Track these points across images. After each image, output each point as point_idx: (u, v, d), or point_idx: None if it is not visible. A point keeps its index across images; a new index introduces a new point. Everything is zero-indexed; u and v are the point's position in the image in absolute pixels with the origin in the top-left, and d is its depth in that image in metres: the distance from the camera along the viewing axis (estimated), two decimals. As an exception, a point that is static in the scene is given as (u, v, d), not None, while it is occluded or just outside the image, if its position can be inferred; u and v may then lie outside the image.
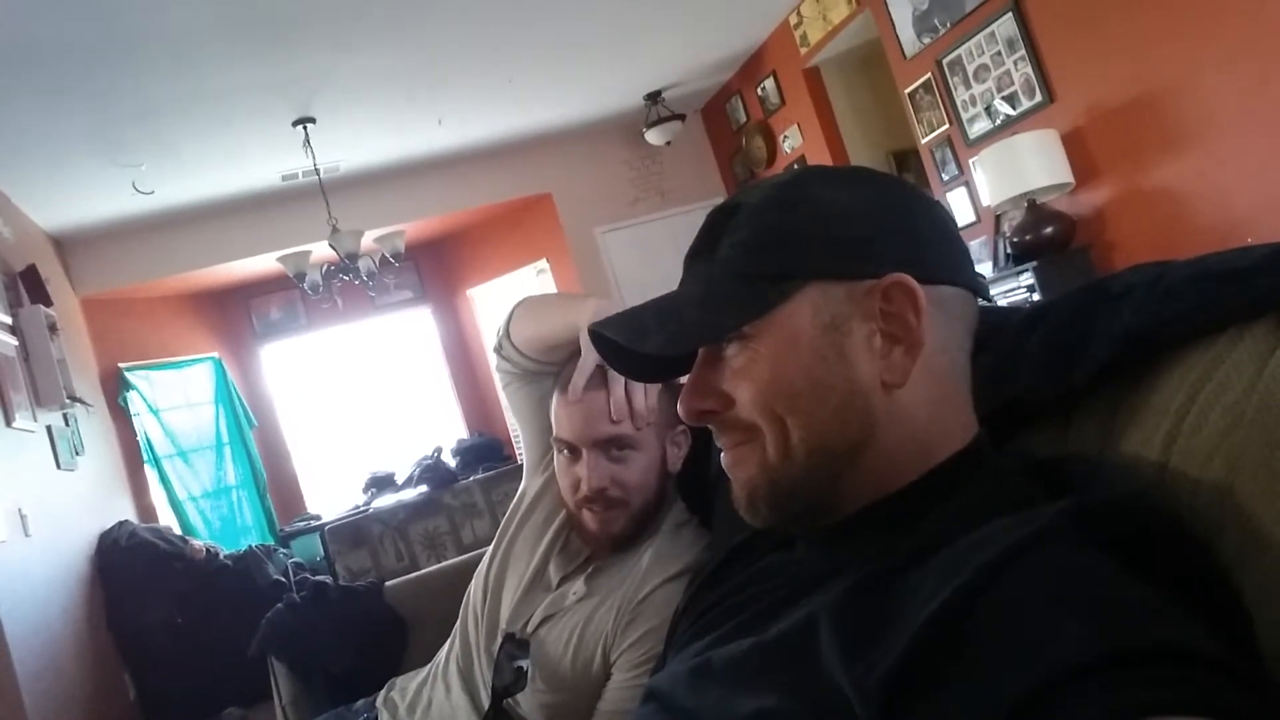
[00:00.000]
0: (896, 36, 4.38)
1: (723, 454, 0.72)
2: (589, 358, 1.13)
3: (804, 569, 0.71)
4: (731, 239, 0.70)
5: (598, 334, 0.73)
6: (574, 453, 1.19)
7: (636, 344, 0.69)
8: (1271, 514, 0.54)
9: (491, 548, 1.38)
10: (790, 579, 0.71)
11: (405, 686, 1.43)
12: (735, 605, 0.77)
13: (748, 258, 0.68)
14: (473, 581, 1.38)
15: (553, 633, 1.22)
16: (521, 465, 1.48)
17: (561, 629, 1.22)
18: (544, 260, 6.37)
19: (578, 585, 1.24)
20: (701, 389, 0.70)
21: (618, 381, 1.15)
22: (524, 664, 1.21)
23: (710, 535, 1.21)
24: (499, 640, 1.26)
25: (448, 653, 1.37)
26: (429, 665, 1.42)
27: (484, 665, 1.27)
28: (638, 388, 1.17)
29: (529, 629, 1.24)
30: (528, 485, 1.38)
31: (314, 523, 5.41)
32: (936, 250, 0.68)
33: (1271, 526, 0.54)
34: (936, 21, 4.11)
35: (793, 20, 5.03)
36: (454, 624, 1.40)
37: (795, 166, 4.39)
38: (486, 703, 1.24)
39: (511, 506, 1.39)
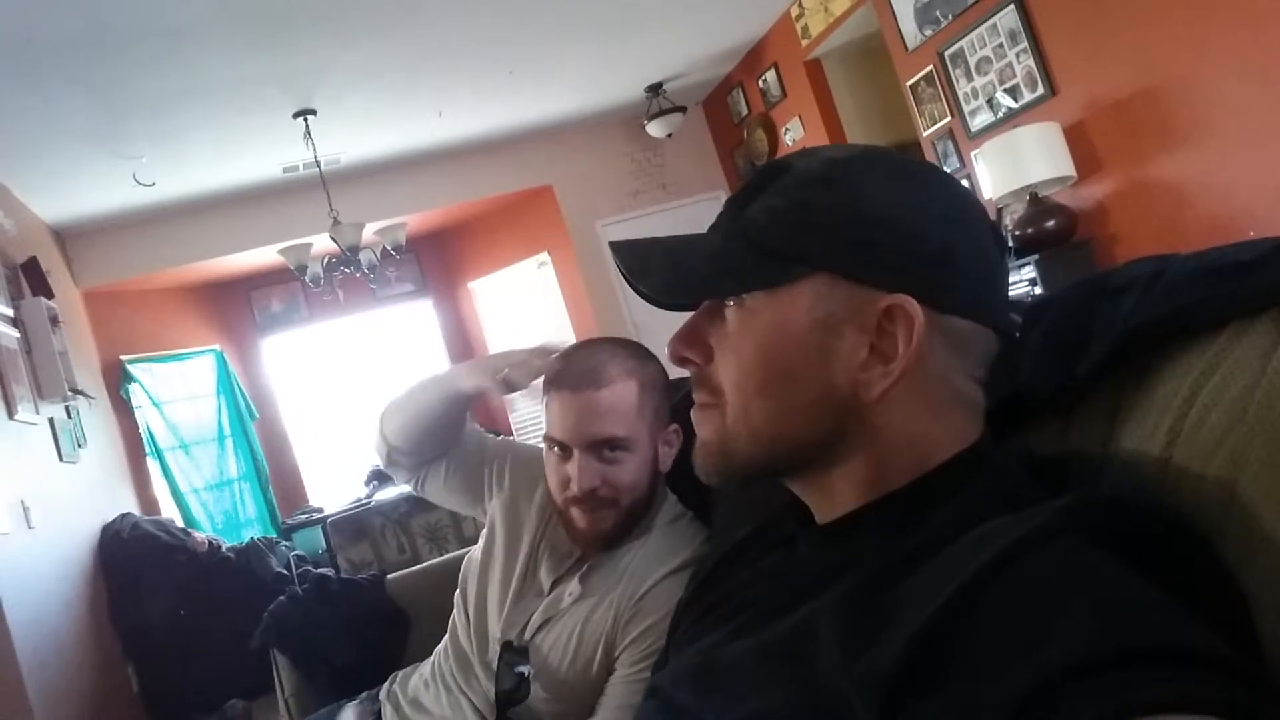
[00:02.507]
0: (898, 28, 4.37)
1: (694, 407, 0.72)
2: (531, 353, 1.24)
3: (805, 568, 0.71)
4: (765, 202, 0.67)
5: (617, 249, 0.72)
6: (565, 451, 1.18)
7: (637, 277, 0.68)
8: (1275, 511, 0.54)
9: (464, 567, 1.39)
10: (792, 578, 0.71)
11: (407, 681, 1.44)
12: (737, 604, 0.77)
13: (769, 228, 0.66)
14: (456, 597, 1.37)
15: (550, 636, 1.22)
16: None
17: (560, 631, 1.21)
18: (545, 253, 6.37)
19: (572, 586, 1.23)
20: (692, 338, 0.70)
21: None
22: (524, 670, 1.20)
23: (707, 529, 1.21)
24: (494, 649, 1.25)
25: (445, 656, 1.36)
26: (429, 661, 1.42)
27: (481, 675, 1.27)
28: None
29: (527, 635, 1.23)
30: (490, 516, 1.39)
31: (316, 515, 5.41)
32: (965, 281, 0.65)
33: (1275, 523, 0.54)
34: (938, 13, 4.10)
35: (794, 12, 5.02)
36: (454, 618, 1.40)
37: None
38: (490, 714, 1.23)
39: (483, 534, 1.40)
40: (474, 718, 1.26)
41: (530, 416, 6.56)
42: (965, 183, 4.21)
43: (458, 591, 1.37)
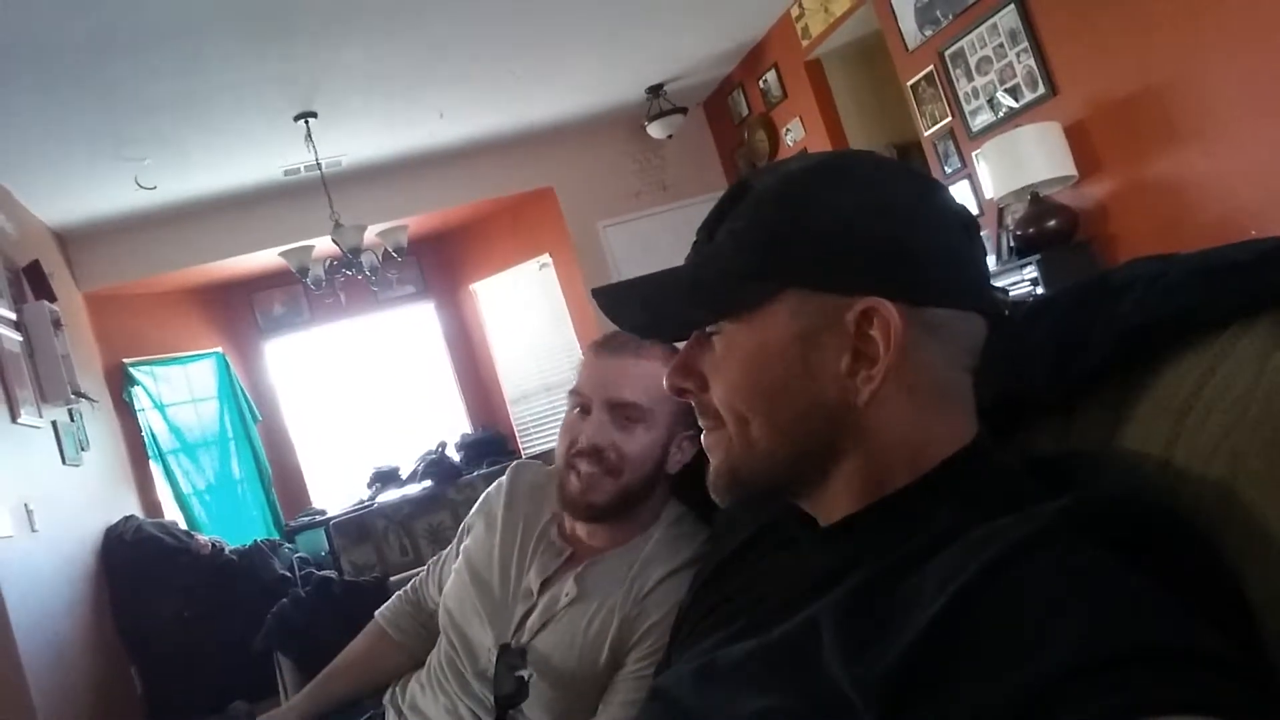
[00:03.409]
0: (898, 28, 4.37)
1: (702, 435, 0.74)
2: None
3: (807, 569, 0.71)
4: (730, 226, 0.69)
5: (597, 294, 0.75)
6: (584, 409, 1.21)
7: (618, 319, 0.72)
8: (1275, 511, 0.54)
9: (443, 597, 1.40)
10: (794, 579, 0.71)
11: (408, 685, 1.44)
12: (739, 605, 0.77)
13: (737, 252, 0.68)
14: (440, 619, 1.38)
15: (551, 637, 1.21)
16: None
17: (561, 632, 1.21)
18: (546, 255, 6.37)
19: (568, 586, 1.23)
20: (685, 368, 0.72)
21: None
22: (524, 673, 1.20)
23: (709, 528, 1.21)
24: (487, 657, 1.25)
25: (439, 663, 1.36)
26: (424, 667, 1.41)
27: (475, 683, 1.26)
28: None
29: (524, 637, 1.23)
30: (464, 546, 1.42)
31: (319, 517, 5.42)
32: (939, 271, 0.66)
33: (1275, 524, 0.54)
34: (938, 13, 4.10)
35: (794, 13, 5.02)
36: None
37: (804, 151, 4.27)
38: (489, 717, 1.23)
39: (454, 567, 1.42)
40: None
41: (532, 417, 6.56)
42: (966, 183, 4.22)
43: (441, 613, 1.38)
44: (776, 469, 0.68)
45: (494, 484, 1.46)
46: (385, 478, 5.53)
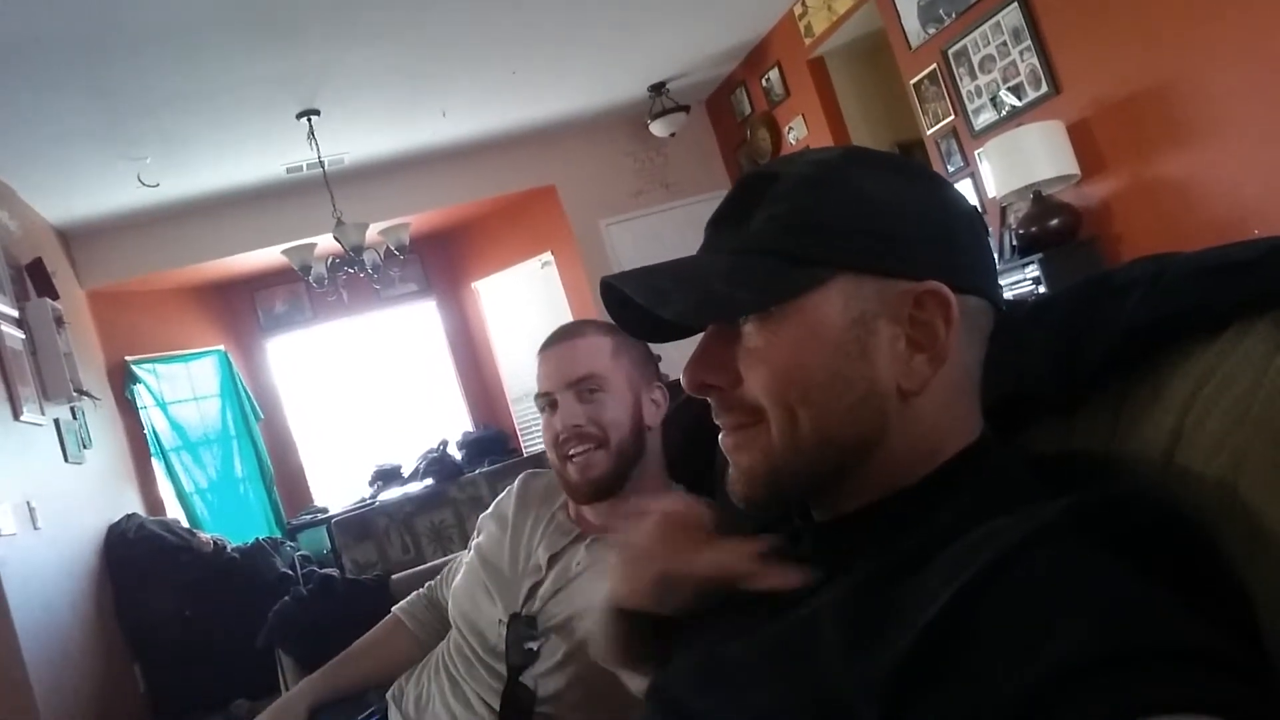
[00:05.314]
0: (901, 27, 4.36)
1: (722, 435, 0.70)
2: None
3: (806, 565, 0.70)
4: (767, 211, 0.66)
5: (610, 286, 0.68)
6: (552, 405, 1.26)
7: (656, 306, 0.64)
8: (1276, 511, 0.54)
9: (452, 593, 1.42)
10: None
11: (410, 679, 1.45)
12: (738, 600, 0.77)
13: (783, 235, 0.65)
14: (451, 614, 1.41)
15: (566, 601, 1.24)
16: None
17: (576, 595, 1.24)
18: (548, 252, 6.38)
19: (579, 555, 1.26)
20: (709, 362, 0.67)
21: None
22: (534, 645, 1.24)
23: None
24: (495, 633, 1.27)
25: (449, 652, 1.38)
26: (431, 659, 1.43)
27: (483, 666, 1.29)
28: None
29: (535, 606, 1.26)
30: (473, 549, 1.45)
31: (321, 515, 5.42)
32: (970, 259, 0.66)
33: (1276, 523, 0.54)
34: (942, 12, 4.09)
35: (797, 11, 5.02)
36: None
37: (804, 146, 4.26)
38: (494, 700, 1.24)
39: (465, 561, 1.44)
40: (479, 706, 1.27)
41: (533, 415, 6.56)
42: (968, 181, 4.21)
43: (450, 608, 1.41)
44: (821, 462, 0.65)
45: (505, 491, 1.50)
46: (387, 476, 5.53)
